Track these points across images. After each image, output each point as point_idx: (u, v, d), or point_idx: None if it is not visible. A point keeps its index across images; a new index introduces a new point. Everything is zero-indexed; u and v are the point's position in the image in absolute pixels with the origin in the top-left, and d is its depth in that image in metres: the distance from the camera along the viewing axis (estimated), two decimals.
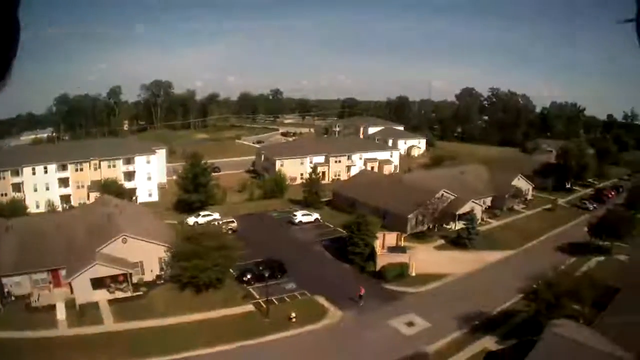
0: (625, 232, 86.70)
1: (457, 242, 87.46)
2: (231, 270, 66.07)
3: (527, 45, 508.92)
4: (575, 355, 38.48)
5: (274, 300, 60.99)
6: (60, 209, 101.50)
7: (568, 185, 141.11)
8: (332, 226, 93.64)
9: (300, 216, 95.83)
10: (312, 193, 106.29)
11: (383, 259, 74.00)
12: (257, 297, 62.48)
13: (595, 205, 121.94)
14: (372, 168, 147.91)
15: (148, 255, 65.45)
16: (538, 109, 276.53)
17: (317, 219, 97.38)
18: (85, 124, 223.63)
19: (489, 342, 56.77)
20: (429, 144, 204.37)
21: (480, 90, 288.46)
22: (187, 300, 60.27)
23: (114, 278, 61.22)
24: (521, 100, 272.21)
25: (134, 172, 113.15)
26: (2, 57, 3.13)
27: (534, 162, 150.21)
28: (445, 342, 56.06)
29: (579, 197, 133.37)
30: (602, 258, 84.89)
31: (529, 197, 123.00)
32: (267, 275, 61.36)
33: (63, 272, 61.35)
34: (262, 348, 52.02)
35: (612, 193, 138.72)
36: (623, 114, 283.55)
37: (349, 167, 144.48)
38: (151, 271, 66.08)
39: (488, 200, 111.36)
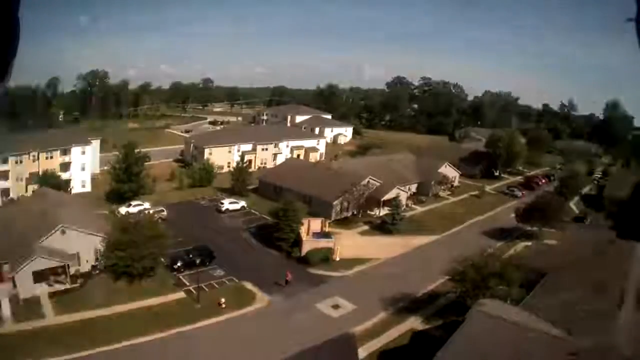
0: (554, 218, 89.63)
1: (382, 227, 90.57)
2: (162, 259, 66.74)
3: (464, 32, 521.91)
4: (501, 332, 39.56)
5: (203, 287, 62.11)
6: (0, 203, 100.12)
7: (496, 173, 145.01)
8: (258, 213, 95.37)
9: (228, 204, 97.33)
10: (239, 181, 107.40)
11: (308, 245, 76.08)
12: (188, 284, 64.04)
13: (523, 192, 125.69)
14: (299, 156, 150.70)
15: (85, 246, 65.52)
16: (471, 98, 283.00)
17: (243, 206, 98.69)
18: (24, 115, 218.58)
19: (415, 323, 58.76)
20: (356, 132, 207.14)
21: (412, 79, 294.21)
22: (122, 290, 61.19)
23: (53, 270, 61.32)
24: (453, 89, 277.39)
25: (70, 163, 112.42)
26: (2, 58, 3.21)
27: (463, 150, 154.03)
28: (372, 323, 58.15)
29: (507, 184, 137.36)
30: (529, 243, 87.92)
31: (456, 184, 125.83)
32: (197, 262, 63.66)
33: (6, 267, 60.40)
34: (196, 334, 53.68)
35: (543, 181, 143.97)
36: (560, 104, 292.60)
37: (275, 155, 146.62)
38: (87, 262, 66.26)
39: (414, 187, 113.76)
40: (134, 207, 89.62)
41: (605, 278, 51.93)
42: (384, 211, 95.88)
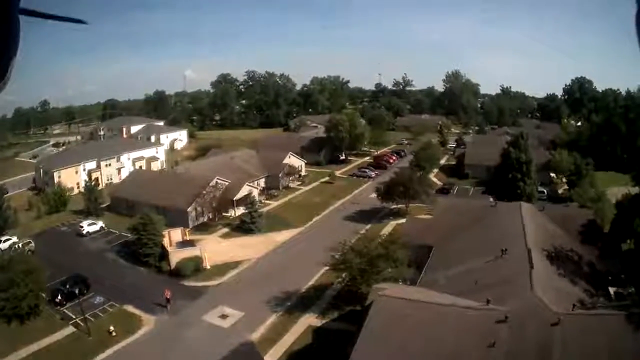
0: (419, 192, 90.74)
1: (242, 227, 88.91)
2: (43, 294, 64.23)
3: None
4: (415, 313, 38.34)
5: (89, 317, 60.52)
6: None
7: (342, 157, 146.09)
8: (117, 232, 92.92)
9: (87, 226, 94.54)
10: (91, 201, 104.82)
11: (175, 256, 74.80)
12: (74, 317, 61.82)
13: (376, 172, 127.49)
14: (141, 167, 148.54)
15: None
16: (299, 87, 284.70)
17: (102, 227, 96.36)
18: None
19: (310, 319, 57.54)
20: (190, 136, 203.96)
21: (236, 75, 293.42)
22: (16, 334, 58.33)
23: None
24: (279, 80, 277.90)
25: None
26: (2, 58, 3.15)
27: (302, 139, 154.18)
28: (266, 327, 56.88)
29: (357, 166, 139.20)
30: (401, 220, 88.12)
31: (303, 173, 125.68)
32: (76, 292, 62.05)
33: None
34: None
35: (394, 158, 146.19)
36: (394, 82, 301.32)
37: (119, 170, 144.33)
38: None
39: (262, 182, 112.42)
40: (4, 243, 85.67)
41: (496, 242, 52.58)
42: (239, 211, 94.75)
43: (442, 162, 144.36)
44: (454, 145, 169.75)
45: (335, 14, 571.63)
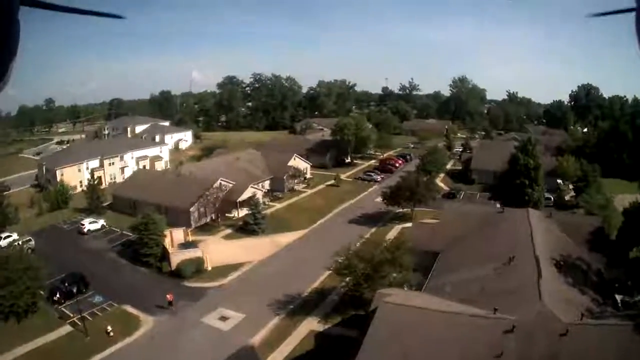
0: (425, 197, 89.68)
1: (245, 229, 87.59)
2: (41, 292, 63.42)
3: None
4: (420, 321, 37.24)
5: (87, 316, 59.77)
6: None
7: (348, 160, 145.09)
8: (119, 230, 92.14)
9: (88, 224, 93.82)
10: (93, 199, 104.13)
11: (176, 257, 73.71)
12: (72, 315, 60.77)
13: (382, 176, 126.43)
14: (144, 166, 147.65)
15: None
16: (305, 90, 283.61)
17: (103, 225, 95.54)
18: None
19: (312, 324, 56.13)
20: (195, 137, 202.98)
21: (242, 77, 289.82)
22: (13, 331, 57.40)
23: None
24: (286, 82, 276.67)
25: None
26: (2, 58, 3.16)
27: (308, 142, 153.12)
28: (267, 331, 55.63)
29: (362, 170, 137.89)
30: (407, 225, 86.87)
31: (309, 175, 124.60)
32: (75, 290, 61.17)
33: None
34: None
35: (400, 162, 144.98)
36: (400, 86, 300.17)
37: (123, 169, 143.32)
38: None
39: (267, 184, 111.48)
40: (3, 240, 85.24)
41: (503, 249, 51.47)
42: (242, 212, 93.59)
43: (448, 166, 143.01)
44: (460, 150, 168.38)
45: (340, 17, 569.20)
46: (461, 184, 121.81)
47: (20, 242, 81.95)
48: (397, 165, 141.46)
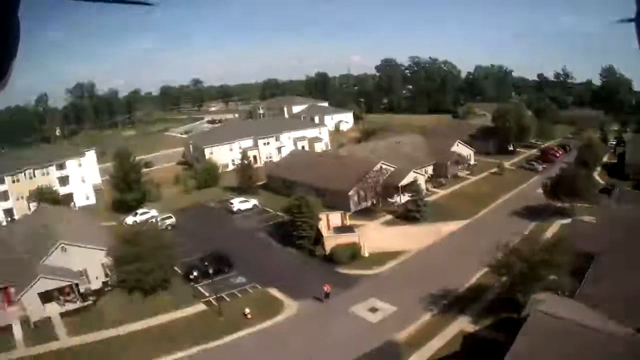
0: (584, 191, 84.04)
1: (407, 215, 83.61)
2: (177, 269, 63.41)
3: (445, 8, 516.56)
4: (569, 338, 34.26)
5: (225, 297, 58.13)
6: (5, 223, 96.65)
7: (510, 148, 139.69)
8: (272, 211, 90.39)
9: (238, 203, 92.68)
10: (246, 178, 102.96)
11: (331, 241, 70.12)
12: (207, 295, 59.22)
13: (544, 166, 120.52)
14: (303, 147, 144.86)
15: (91, 262, 62.38)
16: (463, 74, 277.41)
17: (255, 205, 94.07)
18: (19, 134, 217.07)
19: (463, 324, 52.30)
20: (356, 118, 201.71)
21: (401, 60, 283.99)
22: (137, 306, 57.00)
23: (61, 290, 57.79)
24: (444, 66, 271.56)
25: (68, 176, 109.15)
26: (2, 58, 3.13)
27: (471, 127, 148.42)
28: (416, 327, 51.74)
29: (525, 158, 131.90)
30: (565, 221, 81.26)
31: (472, 162, 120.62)
32: (212, 271, 58.12)
33: (13, 290, 57.43)
34: (224, 349, 49.01)
35: (560, 152, 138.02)
36: (554, 73, 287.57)
37: (279, 149, 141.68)
38: (97, 278, 62.82)
39: (430, 169, 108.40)
40: (141, 216, 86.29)
41: None
42: (404, 198, 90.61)
43: (605, 159, 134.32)
44: (614, 143, 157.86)
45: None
46: (615, 179, 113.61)
47: (158, 219, 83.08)
48: (557, 155, 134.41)
